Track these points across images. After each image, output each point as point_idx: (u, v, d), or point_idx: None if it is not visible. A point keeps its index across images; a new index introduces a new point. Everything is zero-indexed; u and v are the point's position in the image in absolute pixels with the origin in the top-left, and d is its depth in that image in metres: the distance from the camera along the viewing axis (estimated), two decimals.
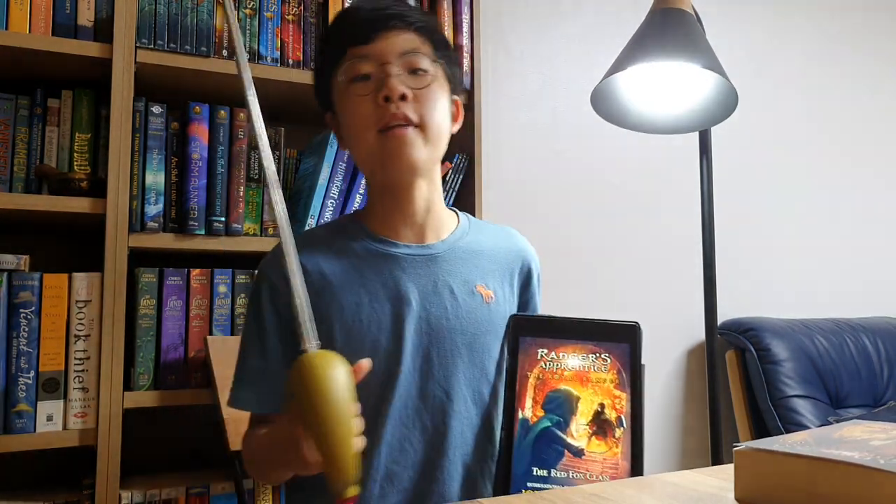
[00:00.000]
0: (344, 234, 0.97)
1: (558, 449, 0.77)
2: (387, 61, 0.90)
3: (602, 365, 0.79)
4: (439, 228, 0.99)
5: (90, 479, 1.19)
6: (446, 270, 0.96)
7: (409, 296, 0.92)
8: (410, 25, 0.93)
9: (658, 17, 1.23)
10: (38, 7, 1.21)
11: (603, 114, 1.31)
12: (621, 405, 0.77)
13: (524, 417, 0.78)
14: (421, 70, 0.92)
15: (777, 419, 1.85)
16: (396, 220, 0.97)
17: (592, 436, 0.77)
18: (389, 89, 0.89)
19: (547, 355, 0.80)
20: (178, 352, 1.27)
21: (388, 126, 0.89)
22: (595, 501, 0.54)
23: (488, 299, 0.96)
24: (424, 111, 0.91)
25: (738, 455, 0.54)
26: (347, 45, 0.92)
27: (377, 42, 0.91)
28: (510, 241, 1.05)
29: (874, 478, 0.46)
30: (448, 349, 0.93)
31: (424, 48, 0.93)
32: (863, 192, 2.41)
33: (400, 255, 0.95)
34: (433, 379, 0.92)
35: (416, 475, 0.91)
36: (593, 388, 0.78)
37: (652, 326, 2.01)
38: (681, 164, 2.04)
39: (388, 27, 0.92)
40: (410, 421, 0.91)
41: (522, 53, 1.92)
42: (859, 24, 2.46)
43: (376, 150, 0.91)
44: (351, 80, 0.92)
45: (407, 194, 0.95)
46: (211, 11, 1.32)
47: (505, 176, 1.85)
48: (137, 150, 1.26)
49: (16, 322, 1.15)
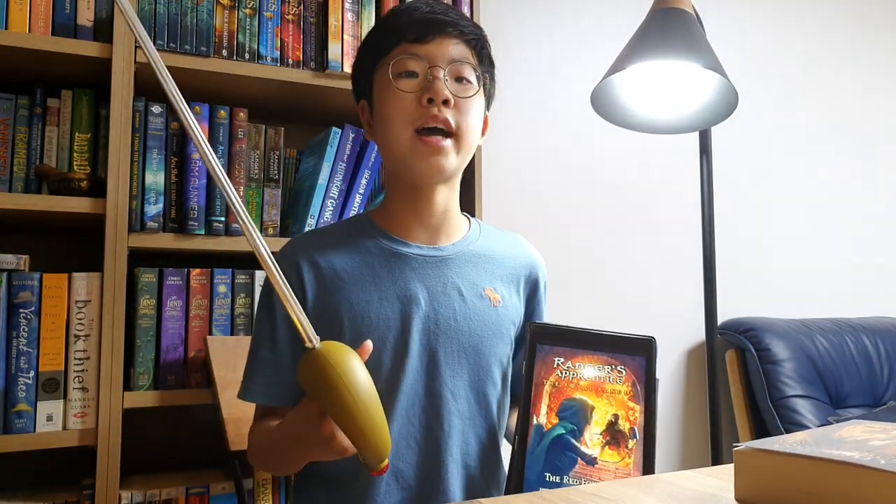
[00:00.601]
0: (358, 232, 0.99)
1: (572, 456, 0.78)
2: (436, 64, 0.92)
3: (617, 377, 0.80)
4: (452, 232, 1.01)
5: (90, 479, 1.19)
6: (456, 273, 0.97)
7: (418, 295, 0.94)
8: (464, 35, 0.95)
9: (658, 17, 1.23)
10: (37, 7, 1.21)
11: (603, 114, 1.31)
12: (635, 417, 0.78)
13: (539, 424, 0.79)
14: (466, 80, 0.94)
15: (777, 419, 1.85)
16: (412, 220, 0.98)
17: (606, 445, 0.78)
18: (435, 92, 0.91)
19: (563, 364, 0.81)
20: (178, 352, 1.27)
21: (425, 127, 0.91)
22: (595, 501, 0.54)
23: (496, 303, 0.98)
24: (462, 120, 0.93)
25: (738, 455, 0.54)
26: (401, 40, 0.94)
27: (430, 44, 0.93)
28: (519, 249, 1.06)
29: (874, 478, 0.46)
30: (454, 350, 0.94)
31: (472, 60, 0.96)
32: (863, 191, 2.41)
33: (411, 255, 0.96)
34: (439, 379, 0.93)
35: (421, 473, 0.92)
36: (608, 399, 0.79)
37: (652, 326, 2.02)
38: (681, 164, 2.04)
39: (444, 32, 0.94)
40: (416, 419, 0.92)
41: (522, 53, 1.92)
42: (859, 24, 2.46)
43: (409, 149, 0.92)
44: (398, 73, 0.93)
45: (428, 197, 0.97)
46: (211, 11, 1.32)
47: (505, 176, 1.85)
48: (137, 150, 1.26)
49: (16, 322, 1.15)
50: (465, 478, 0.93)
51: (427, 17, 0.94)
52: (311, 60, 1.40)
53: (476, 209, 1.47)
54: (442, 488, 0.91)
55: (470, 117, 0.94)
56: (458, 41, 0.94)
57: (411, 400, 0.92)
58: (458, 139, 0.93)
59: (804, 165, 2.32)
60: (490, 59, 1.00)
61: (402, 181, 0.98)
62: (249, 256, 1.36)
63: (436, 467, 0.91)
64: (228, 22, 1.33)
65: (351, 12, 1.42)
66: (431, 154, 0.91)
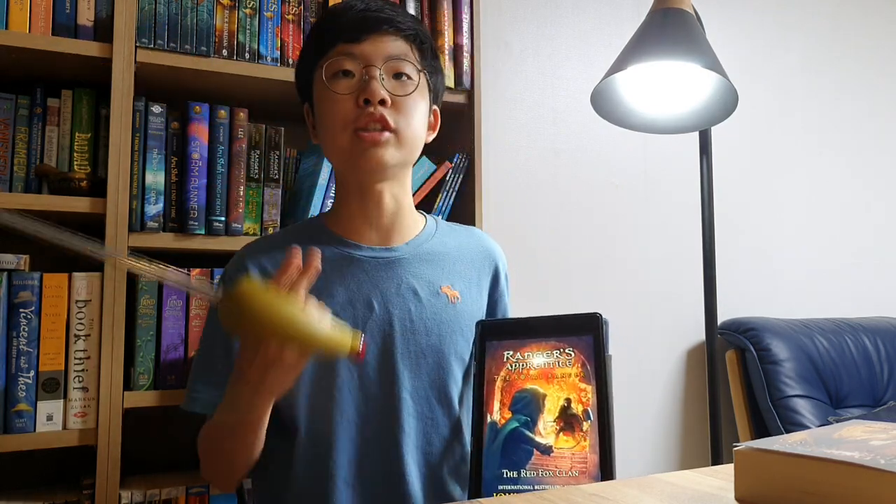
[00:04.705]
0: (306, 237, 0.97)
1: (527, 448, 0.77)
2: (372, 63, 0.91)
3: (567, 360, 0.79)
4: (405, 231, 1.00)
5: (90, 479, 1.19)
6: (410, 272, 0.96)
7: (371, 299, 0.93)
8: (401, 31, 0.94)
9: (658, 17, 1.23)
10: (37, 6, 1.21)
11: (603, 113, 1.31)
12: (587, 398, 0.77)
13: (492, 421, 0.79)
14: (405, 76, 0.93)
15: (777, 419, 1.85)
16: (362, 222, 0.97)
17: (560, 432, 0.77)
18: (370, 93, 0.90)
19: (513, 357, 0.81)
20: (178, 352, 1.27)
21: (363, 128, 0.90)
22: (595, 501, 0.54)
23: (454, 300, 0.97)
24: (402, 118, 0.92)
25: (738, 455, 0.54)
26: (336, 40, 0.93)
27: (366, 43, 0.92)
28: (476, 242, 1.06)
29: (874, 478, 0.46)
30: (412, 351, 0.93)
31: (412, 55, 0.94)
32: (863, 191, 2.41)
33: (363, 258, 0.96)
34: (397, 381, 0.92)
35: (381, 476, 0.91)
36: (559, 384, 0.78)
37: (652, 326, 2.02)
38: (681, 164, 2.04)
39: (379, 30, 0.92)
40: (375, 421, 0.91)
41: (523, 53, 1.92)
42: (860, 24, 2.46)
43: (348, 149, 0.92)
44: (333, 75, 0.92)
45: (375, 196, 0.96)
46: (211, 11, 1.32)
47: (505, 176, 1.85)
48: (137, 150, 1.26)
49: (16, 322, 1.15)
50: (427, 477, 0.93)
51: (361, 16, 0.93)
52: None
53: (476, 209, 1.47)
54: (403, 490, 0.91)
55: (410, 114, 0.93)
56: (396, 37, 0.93)
57: (368, 403, 0.91)
58: (398, 136, 0.92)
59: (804, 165, 2.32)
60: (433, 53, 0.99)
61: (349, 182, 0.97)
62: None
63: (397, 468, 0.91)
64: (228, 22, 1.33)
65: None
66: (370, 149, 0.90)
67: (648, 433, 1.99)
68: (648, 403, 2.00)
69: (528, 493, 0.59)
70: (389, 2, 1.01)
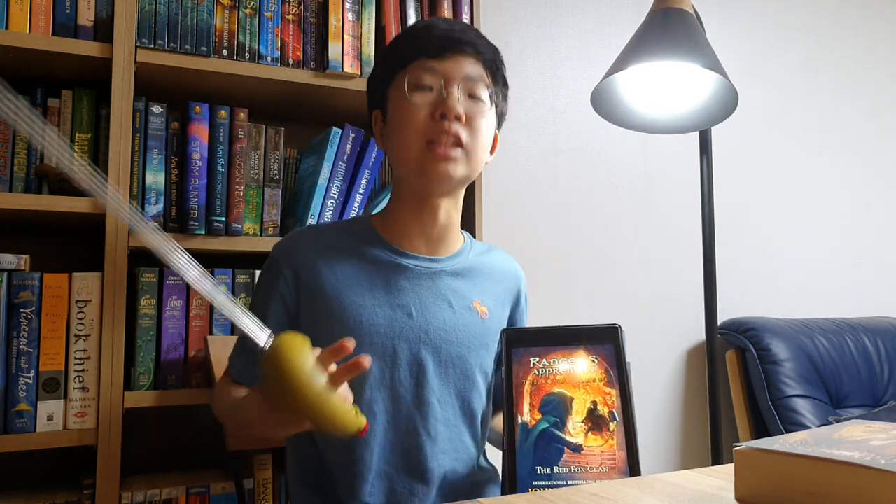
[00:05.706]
0: (355, 237, 1.01)
1: (558, 447, 0.81)
2: (451, 81, 0.94)
3: (591, 366, 0.85)
4: (450, 245, 1.04)
5: (90, 479, 1.19)
6: (447, 285, 1.00)
7: (409, 306, 0.96)
8: (480, 55, 0.98)
9: (658, 17, 1.23)
10: (38, 7, 1.21)
11: (603, 113, 1.31)
12: (612, 401, 0.82)
13: (523, 422, 0.83)
14: (479, 98, 0.97)
15: (777, 419, 1.85)
16: (414, 229, 1.00)
17: (588, 431, 0.81)
18: (448, 108, 0.93)
19: (539, 363, 0.85)
20: (179, 352, 1.27)
21: (435, 141, 0.93)
22: (596, 501, 0.54)
23: (483, 315, 1.01)
24: (472, 137, 0.95)
25: (738, 455, 0.54)
26: (419, 54, 0.96)
27: (447, 60, 0.95)
28: (506, 265, 1.10)
29: (874, 478, 0.46)
30: (443, 359, 0.97)
31: (486, 79, 0.98)
32: (863, 191, 2.41)
33: (409, 265, 0.99)
34: (427, 386, 0.95)
35: (406, 476, 0.94)
36: (584, 388, 0.83)
37: (652, 326, 2.02)
38: (681, 164, 2.04)
39: (462, 51, 0.96)
40: (403, 424, 0.94)
41: (523, 53, 1.92)
42: (860, 24, 2.46)
43: (419, 158, 0.94)
44: (413, 86, 0.95)
45: (432, 208, 0.99)
46: (211, 11, 1.32)
47: (505, 176, 1.85)
48: (137, 150, 1.26)
49: (16, 322, 1.15)
50: (448, 483, 0.96)
51: (446, 35, 0.96)
52: (312, 60, 1.40)
53: (476, 209, 1.47)
54: (427, 492, 0.94)
55: (480, 134, 0.96)
56: (474, 60, 0.97)
57: (398, 406, 0.94)
58: (468, 153, 0.95)
59: (804, 165, 2.32)
60: (504, 80, 1.03)
61: (409, 189, 1.00)
62: (250, 256, 1.37)
63: (421, 472, 0.94)
64: (228, 22, 1.33)
65: (351, 12, 1.42)
66: (441, 161, 0.93)
67: (648, 433, 1.99)
68: (648, 403, 2.00)
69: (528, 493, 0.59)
70: (471, 27, 1.05)
